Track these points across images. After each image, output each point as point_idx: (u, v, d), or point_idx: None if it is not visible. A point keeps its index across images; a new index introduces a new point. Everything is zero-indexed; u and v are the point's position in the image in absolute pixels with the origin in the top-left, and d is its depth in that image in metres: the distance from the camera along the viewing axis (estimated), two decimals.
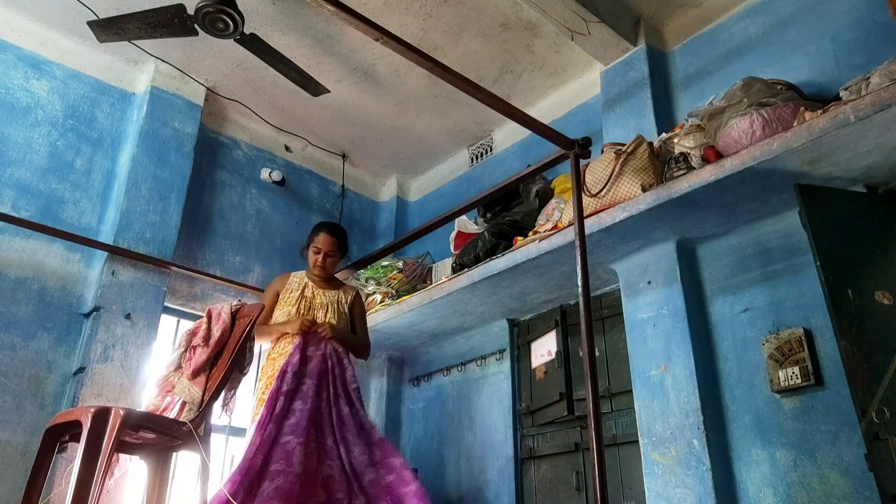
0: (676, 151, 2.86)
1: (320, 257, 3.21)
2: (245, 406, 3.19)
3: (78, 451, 2.02)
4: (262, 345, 3.21)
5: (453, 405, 4.20)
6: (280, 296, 3.22)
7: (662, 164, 2.90)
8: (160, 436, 2.33)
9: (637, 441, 2.92)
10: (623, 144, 3.04)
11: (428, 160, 5.10)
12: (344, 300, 3.27)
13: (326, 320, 3.11)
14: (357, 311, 3.32)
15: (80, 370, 3.25)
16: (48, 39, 3.81)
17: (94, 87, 3.95)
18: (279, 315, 3.14)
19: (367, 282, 4.24)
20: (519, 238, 3.39)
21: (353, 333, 3.24)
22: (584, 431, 3.33)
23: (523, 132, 4.25)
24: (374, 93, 4.32)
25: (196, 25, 3.13)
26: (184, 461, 3.28)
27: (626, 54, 3.66)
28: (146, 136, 3.87)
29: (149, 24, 3.14)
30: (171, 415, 2.46)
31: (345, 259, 3.44)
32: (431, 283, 3.98)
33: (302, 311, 3.11)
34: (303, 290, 3.20)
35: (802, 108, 2.52)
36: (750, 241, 2.92)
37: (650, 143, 3.00)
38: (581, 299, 2.36)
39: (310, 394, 2.73)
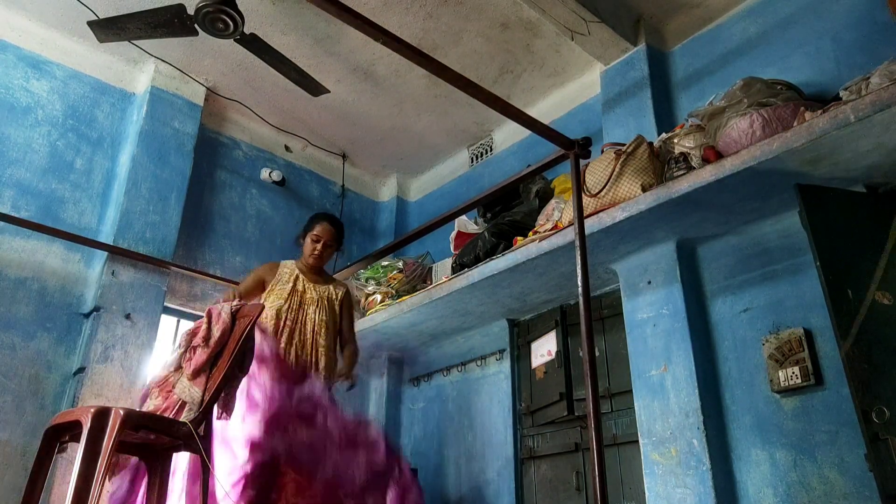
0: (676, 151, 2.86)
1: (319, 246, 3.10)
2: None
3: (78, 451, 2.02)
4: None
5: (453, 405, 4.20)
6: (269, 286, 3.08)
7: (662, 164, 2.90)
8: (160, 436, 2.32)
9: (637, 441, 2.92)
10: (623, 144, 3.04)
11: (428, 160, 5.10)
12: (335, 296, 3.17)
13: (316, 318, 3.03)
14: (346, 310, 3.22)
15: (80, 370, 3.26)
16: (48, 39, 3.82)
17: (94, 87, 3.95)
18: (270, 308, 2.98)
19: (367, 282, 4.24)
20: (519, 238, 3.39)
21: (339, 334, 3.16)
22: (584, 431, 3.33)
23: (523, 132, 4.25)
24: (374, 93, 4.32)
25: (196, 25, 3.13)
26: (184, 461, 3.28)
27: (626, 54, 3.66)
28: (146, 136, 3.87)
29: (149, 24, 3.13)
30: (171, 415, 2.45)
31: (341, 255, 3.36)
32: (431, 283, 3.98)
33: (293, 307, 3.01)
34: (294, 283, 3.08)
35: (802, 108, 2.52)
36: (750, 241, 2.92)
37: (650, 143, 3.00)
38: (581, 299, 2.36)
39: None
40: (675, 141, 2.93)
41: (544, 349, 3.63)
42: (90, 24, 3.19)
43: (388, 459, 2.72)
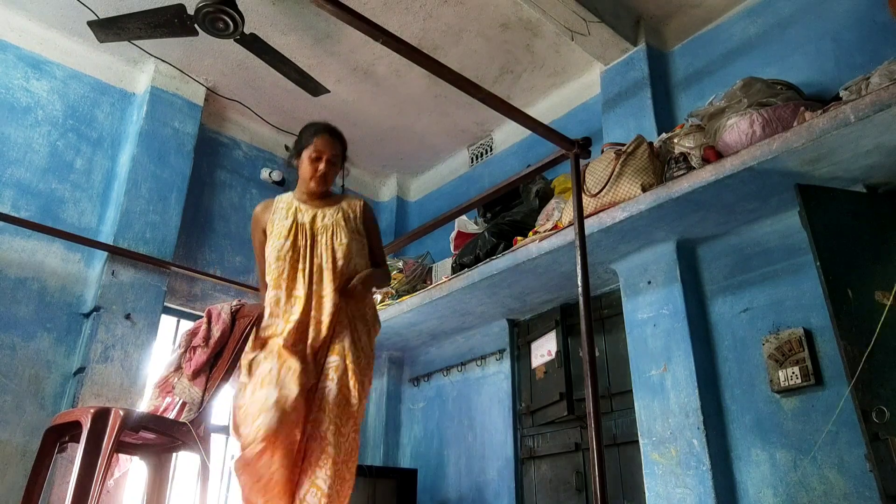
0: (676, 151, 2.86)
1: (322, 165, 2.39)
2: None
3: (78, 451, 2.02)
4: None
5: (453, 405, 4.20)
6: (267, 229, 2.41)
7: (662, 164, 2.90)
8: (160, 436, 2.33)
9: (637, 441, 2.92)
10: (623, 144, 3.04)
11: (428, 160, 5.10)
12: (353, 216, 2.45)
13: (339, 244, 2.34)
14: (371, 225, 2.51)
15: (80, 370, 3.26)
16: (48, 39, 3.81)
17: (94, 87, 3.95)
18: (270, 253, 2.34)
19: None
20: (519, 238, 3.39)
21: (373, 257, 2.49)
22: (584, 431, 3.33)
23: (523, 132, 4.25)
24: (374, 93, 4.32)
25: (196, 25, 3.13)
26: (184, 461, 3.29)
27: (626, 54, 3.66)
28: (146, 136, 3.87)
29: (149, 24, 3.13)
30: (171, 415, 2.46)
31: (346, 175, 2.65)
32: (431, 283, 3.98)
33: (301, 244, 2.33)
34: (295, 216, 2.39)
35: (802, 108, 2.52)
36: (750, 241, 2.92)
37: (650, 143, 3.00)
38: (581, 299, 2.36)
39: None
40: (675, 141, 2.93)
41: (544, 349, 3.63)
42: (90, 24, 3.19)
43: None
